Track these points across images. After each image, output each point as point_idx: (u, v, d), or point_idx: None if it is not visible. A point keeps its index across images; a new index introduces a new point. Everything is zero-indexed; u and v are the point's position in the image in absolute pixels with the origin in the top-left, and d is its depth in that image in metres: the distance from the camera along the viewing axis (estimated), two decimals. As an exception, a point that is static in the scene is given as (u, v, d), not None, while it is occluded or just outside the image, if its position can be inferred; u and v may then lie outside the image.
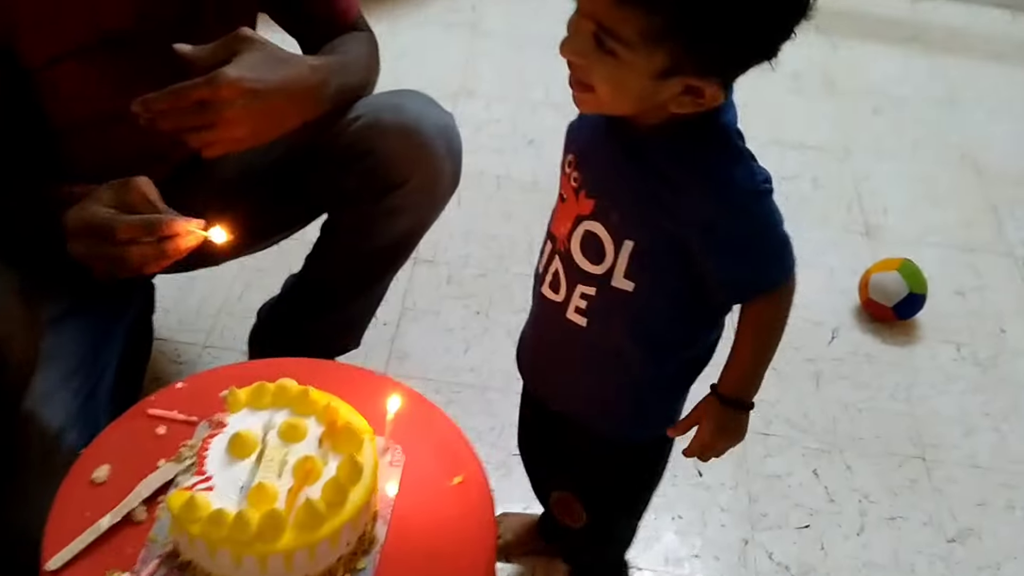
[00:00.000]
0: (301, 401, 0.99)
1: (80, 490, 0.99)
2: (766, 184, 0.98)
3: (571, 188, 1.04)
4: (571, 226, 1.04)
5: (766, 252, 1.01)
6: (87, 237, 1.05)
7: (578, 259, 1.04)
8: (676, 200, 0.96)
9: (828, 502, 1.69)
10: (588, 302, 1.05)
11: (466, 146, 2.35)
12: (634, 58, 0.88)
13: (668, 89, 0.91)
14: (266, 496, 0.90)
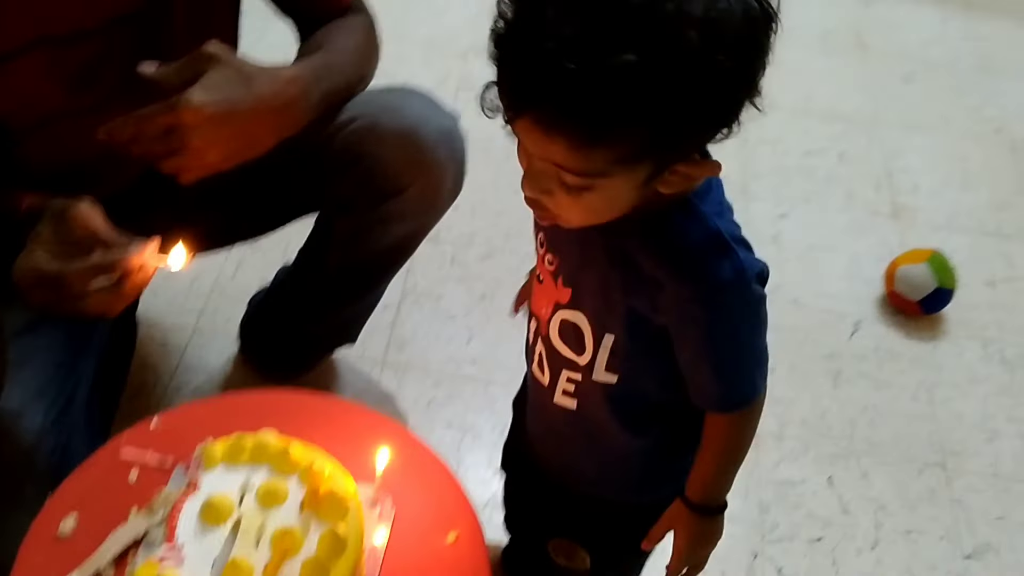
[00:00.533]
0: (282, 459, 0.92)
1: (45, 545, 0.92)
2: (747, 277, 0.85)
3: (547, 271, 0.95)
4: (550, 311, 0.96)
5: (735, 365, 0.91)
6: (40, 289, 0.97)
7: (559, 347, 0.97)
8: (651, 291, 0.86)
9: (842, 513, 1.62)
10: (575, 386, 0.98)
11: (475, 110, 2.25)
12: (613, 181, 0.77)
13: (657, 184, 0.80)
14: (240, 574, 0.83)
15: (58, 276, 0.96)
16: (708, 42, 0.70)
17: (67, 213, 0.99)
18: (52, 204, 1.02)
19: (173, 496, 0.92)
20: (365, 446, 0.98)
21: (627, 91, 0.70)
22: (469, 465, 1.59)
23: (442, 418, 1.65)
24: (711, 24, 0.70)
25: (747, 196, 2.14)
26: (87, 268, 0.95)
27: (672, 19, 0.69)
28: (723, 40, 0.71)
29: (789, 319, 1.90)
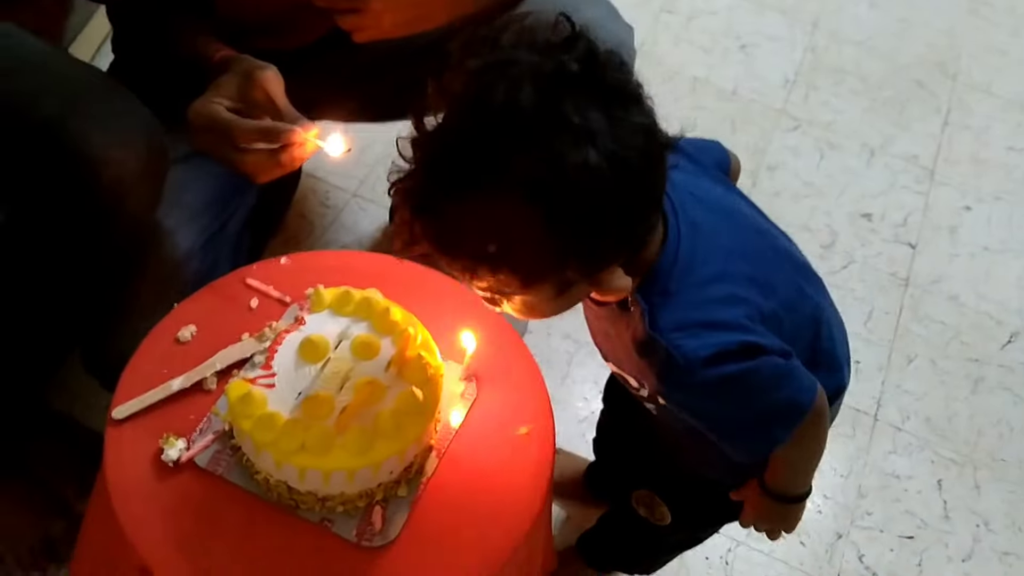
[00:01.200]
0: (382, 318, 0.97)
1: (163, 345, 1.02)
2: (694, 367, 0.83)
3: None
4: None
5: (735, 433, 0.91)
6: (208, 134, 1.04)
7: (621, 379, 1.00)
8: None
9: (943, 518, 1.56)
10: (655, 405, 0.98)
11: (671, 38, 2.22)
12: (520, 299, 0.81)
13: (579, 293, 0.82)
14: (320, 409, 0.89)
15: (228, 127, 1.03)
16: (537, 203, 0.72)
17: (254, 75, 1.06)
18: (241, 62, 1.09)
19: (281, 329, 0.99)
20: (463, 327, 1.02)
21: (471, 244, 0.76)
22: (576, 379, 1.62)
23: (561, 328, 1.68)
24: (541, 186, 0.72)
25: (933, 180, 2.03)
26: (255, 128, 1.02)
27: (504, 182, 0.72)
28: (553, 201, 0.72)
29: (942, 314, 1.81)
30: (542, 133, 0.72)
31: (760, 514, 1.03)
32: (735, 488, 1.04)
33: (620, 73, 0.76)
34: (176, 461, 0.93)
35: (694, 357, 0.83)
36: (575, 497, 1.47)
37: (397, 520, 0.92)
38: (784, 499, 1.00)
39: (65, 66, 1.07)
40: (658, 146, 0.77)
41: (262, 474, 0.91)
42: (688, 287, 0.85)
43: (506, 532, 0.94)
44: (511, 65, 0.74)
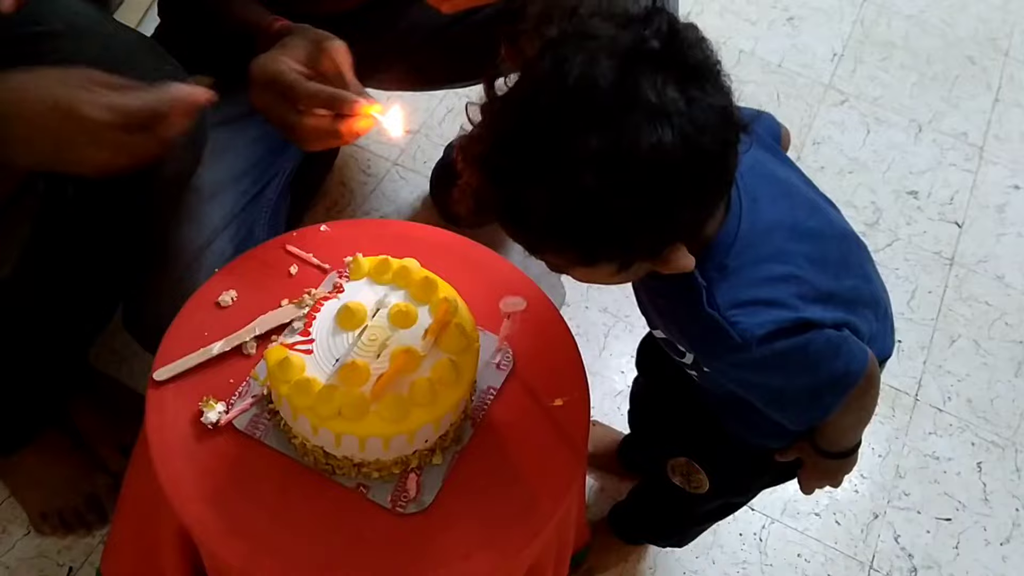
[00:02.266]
0: (420, 287, 0.97)
1: (204, 309, 1.03)
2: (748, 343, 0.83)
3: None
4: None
5: (785, 407, 0.91)
6: (269, 91, 1.03)
7: (663, 344, 0.99)
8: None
9: (982, 501, 1.55)
10: (696, 372, 0.99)
11: (717, 8, 2.18)
12: (580, 272, 0.82)
13: (641, 269, 0.82)
14: (356, 376, 0.90)
15: (292, 88, 1.01)
16: (605, 183, 0.71)
17: (324, 44, 1.05)
18: (307, 31, 1.08)
19: (320, 296, 1.00)
20: (500, 298, 1.02)
21: (537, 221, 0.75)
22: (613, 352, 1.62)
23: (599, 302, 1.67)
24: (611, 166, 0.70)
25: (982, 157, 1.99)
26: (321, 93, 1.01)
27: (573, 160, 0.71)
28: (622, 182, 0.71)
29: (988, 294, 1.78)
30: (616, 111, 0.71)
31: (817, 473, 1.03)
32: (780, 450, 1.04)
33: (699, 50, 0.74)
34: (215, 423, 0.94)
35: (750, 335, 0.83)
36: (609, 469, 1.48)
37: (431, 488, 0.93)
38: (834, 455, 1.00)
39: (110, 31, 1.07)
40: (733, 129, 0.75)
41: (299, 439, 0.92)
42: (746, 264, 0.84)
43: (540, 503, 0.95)
44: (589, 38, 0.73)
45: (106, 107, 0.83)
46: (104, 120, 0.83)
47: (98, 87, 0.85)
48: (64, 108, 0.82)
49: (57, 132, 0.83)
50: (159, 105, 0.87)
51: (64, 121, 0.82)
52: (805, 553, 1.47)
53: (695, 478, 1.16)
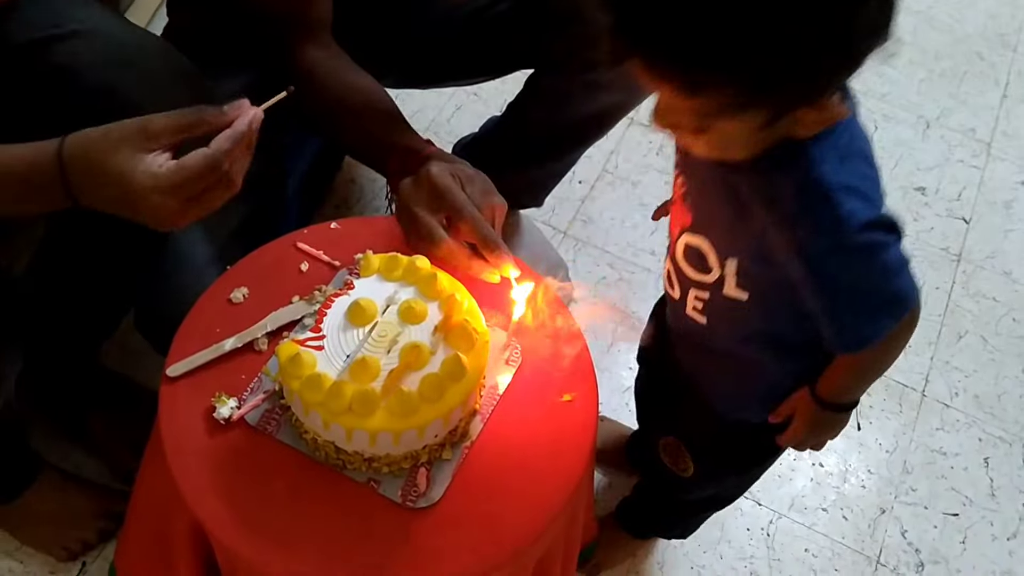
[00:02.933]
0: (429, 283, 0.98)
1: (216, 306, 1.04)
2: (847, 227, 0.82)
3: (679, 193, 0.97)
4: (677, 233, 0.97)
5: (845, 311, 0.88)
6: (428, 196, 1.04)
7: (684, 267, 0.98)
8: (760, 233, 0.86)
9: (988, 496, 1.55)
10: (704, 304, 0.98)
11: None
12: (727, 125, 0.78)
13: (783, 127, 0.80)
14: (367, 371, 0.91)
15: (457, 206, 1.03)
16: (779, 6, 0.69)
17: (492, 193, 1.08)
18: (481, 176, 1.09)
19: (330, 292, 1.01)
20: (508, 294, 1.03)
21: (715, 43, 0.71)
22: (621, 349, 1.63)
23: (607, 298, 1.68)
24: None
25: (990, 153, 1.99)
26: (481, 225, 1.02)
27: None
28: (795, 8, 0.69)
29: (995, 290, 1.79)
30: None
31: (810, 425, 1.02)
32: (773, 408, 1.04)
33: None
34: (228, 419, 0.95)
35: (855, 218, 0.83)
36: (617, 465, 1.49)
37: (441, 482, 0.94)
38: (836, 407, 1.00)
39: (125, 33, 1.08)
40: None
41: (310, 434, 0.93)
42: (854, 155, 0.85)
43: (547, 498, 0.96)
44: None
45: (159, 183, 0.84)
46: (161, 198, 0.85)
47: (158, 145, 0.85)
48: (129, 189, 0.84)
49: (131, 205, 0.85)
50: (214, 161, 0.86)
51: (131, 198, 0.85)
52: (812, 548, 1.47)
53: (682, 460, 1.17)
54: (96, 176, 0.84)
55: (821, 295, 0.87)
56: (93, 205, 0.87)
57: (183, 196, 0.85)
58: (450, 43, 1.36)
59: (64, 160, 0.84)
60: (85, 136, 0.85)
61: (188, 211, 0.87)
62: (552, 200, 1.69)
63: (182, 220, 0.87)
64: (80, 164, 0.84)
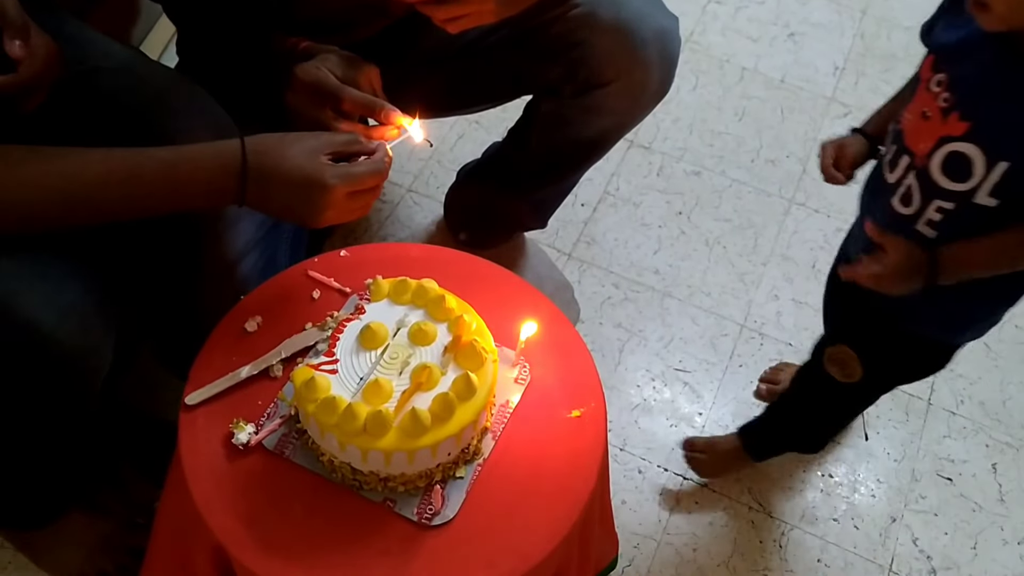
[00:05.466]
0: (437, 306, 1.01)
1: (231, 335, 1.07)
2: None
3: (938, 108, 1.02)
4: (933, 145, 1.02)
5: None
6: (310, 94, 1.11)
7: (937, 177, 1.03)
8: None
9: (998, 502, 1.57)
10: (943, 215, 1.04)
11: (719, 28, 2.23)
12: None
13: None
14: (380, 393, 0.93)
15: (334, 91, 1.11)
16: None
17: (361, 63, 1.14)
18: (343, 52, 1.16)
19: (342, 318, 1.04)
20: (516, 314, 1.05)
21: None
22: (628, 367, 1.65)
23: (612, 317, 1.70)
24: None
25: (986, 164, 2.02)
26: (360, 98, 1.10)
27: None
28: None
29: (996, 298, 1.81)
30: None
31: (901, 263, 1.06)
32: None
33: None
34: (246, 444, 0.98)
35: None
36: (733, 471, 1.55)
37: (456, 500, 0.96)
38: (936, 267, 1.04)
39: (146, 68, 1.13)
40: None
41: (327, 456, 0.96)
42: None
43: (561, 513, 0.98)
44: None
45: (344, 177, 0.97)
46: (344, 191, 0.97)
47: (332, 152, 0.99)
48: (315, 182, 0.96)
49: (307, 199, 0.97)
50: (381, 167, 1.00)
51: (313, 191, 0.96)
52: (825, 558, 1.49)
53: (850, 367, 1.23)
54: (281, 163, 0.96)
55: None
56: (261, 202, 0.98)
57: (352, 189, 0.97)
58: (449, 75, 1.39)
59: (248, 152, 0.94)
60: (266, 135, 0.98)
61: (348, 206, 0.99)
62: (556, 223, 1.72)
63: (340, 215, 0.99)
64: (265, 155, 0.95)
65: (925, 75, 1.04)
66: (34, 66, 0.97)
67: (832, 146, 1.23)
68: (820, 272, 1.81)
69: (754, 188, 1.92)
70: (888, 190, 1.10)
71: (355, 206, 1.00)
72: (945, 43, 1.03)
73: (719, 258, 1.81)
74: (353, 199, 0.99)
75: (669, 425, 1.59)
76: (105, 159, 0.94)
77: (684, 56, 1.39)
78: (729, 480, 1.54)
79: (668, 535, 1.48)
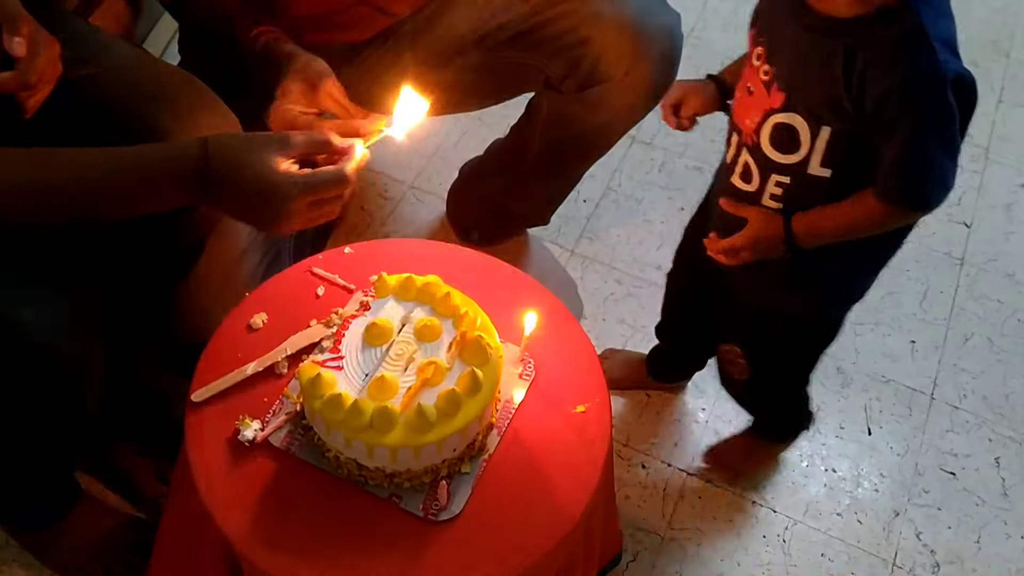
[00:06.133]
0: (443, 303, 1.01)
1: (236, 332, 1.07)
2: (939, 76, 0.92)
3: (760, 82, 1.03)
4: (760, 119, 1.04)
5: (911, 165, 0.97)
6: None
7: (768, 151, 1.04)
8: (861, 84, 0.95)
9: (1001, 496, 1.57)
10: (783, 189, 1.05)
11: (720, 24, 2.22)
12: None
13: None
14: (385, 389, 0.94)
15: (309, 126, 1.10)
16: None
17: (318, 85, 1.12)
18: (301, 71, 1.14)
19: (347, 314, 1.04)
20: (520, 311, 1.06)
21: None
22: (631, 362, 1.65)
23: (615, 313, 1.71)
24: None
25: (988, 158, 2.02)
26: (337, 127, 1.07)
27: None
28: None
29: (999, 292, 1.81)
30: None
31: (757, 235, 1.09)
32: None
33: None
34: (252, 441, 0.98)
35: (947, 69, 0.93)
36: (640, 385, 1.59)
37: (461, 495, 0.97)
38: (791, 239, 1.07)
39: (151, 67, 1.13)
40: None
41: (333, 452, 0.96)
42: (944, 14, 0.96)
43: (566, 507, 0.98)
44: None
45: (303, 187, 0.93)
46: (304, 200, 0.94)
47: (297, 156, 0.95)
48: (273, 191, 0.93)
49: (264, 206, 0.94)
50: (342, 176, 0.95)
51: (271, 200, 0.93)
52: (829, 553, 1.49)
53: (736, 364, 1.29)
54: (239, 170, 0.92)
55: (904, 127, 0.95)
56: (222, 203, 0.95)
57: (312, 199, 0.94)
58: (451, 72, 1.39)
59: (210, 154, 0.92)
60: (229, 136, 0.96)
61: (309, 215, 0.95)
62: (558, 220, 1.72)
63: (302, 222, 0.95)
64: (224, 159, 0.92)
65: (751, 49, 1.05)
66: (34, 64, 0.97)
67: (679, 88, 1.25)
68: (822, 267, 1.81)
69: (756, 183, 1.92)
70: (728, 169, 1.11)
71: (317, 214, 0.97)
72: (760, 12, 1.06)
73: (721, 254, 1.81)
74: (316, 207, 0.96)
75: (673, 420, 1.59)
76: (71, 160, 0.93)
77: (685, 52, 1.38)
78: (733, 475, 1.54)
79: (672, 530, 1.48)
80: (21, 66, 0.96)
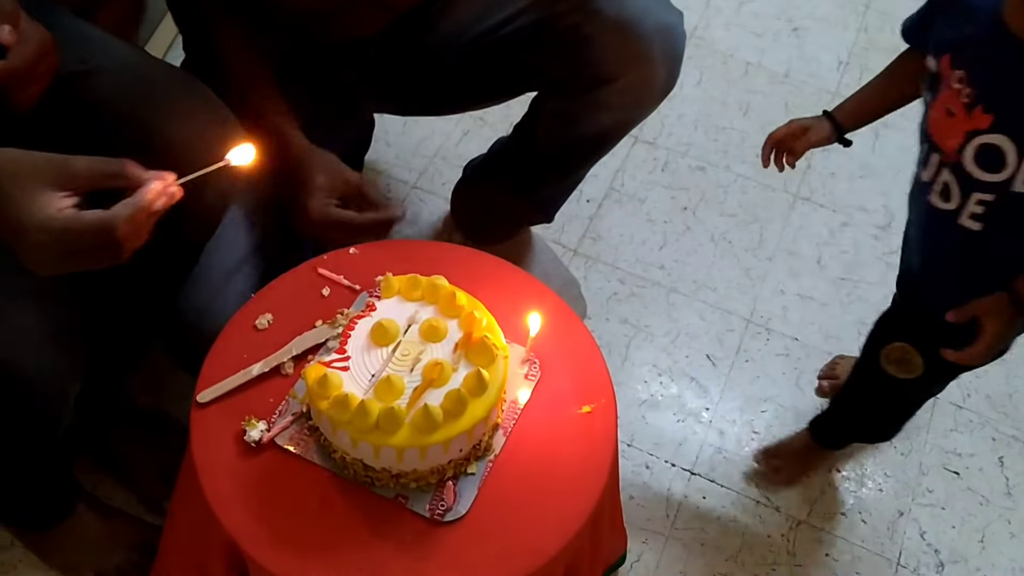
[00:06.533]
0: (448, 302, 1.01)
1: (242, 332, 1.07)
2: None
3: (961, 104, 1.04)
4: (962, 140, 1.04)
5: None
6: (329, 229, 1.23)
7: (971, 169, 1.05)
8: None
9: (1005, 495, 1.57)
10: (985, 208, 1.06)
11: (722, 23, 2.22)
12: None
13: None
14: (392, 390, 0.94)
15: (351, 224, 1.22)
16: None
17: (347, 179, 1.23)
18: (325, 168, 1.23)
19: (353, 315, 1.04)
20: (525, 311, 1.06)
21: None
22: (635, 362, 1.65)
23: (619, 313, 1.71)
24: None
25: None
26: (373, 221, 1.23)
27: None
28: None
29: (1002, 292, 1.81)
30: None
31: (1004, 324, 1.09)
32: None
33: None
34: (258, 441, 0.98)
35: None
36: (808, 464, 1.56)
37: (468, 496, 0.97)
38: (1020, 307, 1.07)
39: (149, 67, 1.13)
40: None
41: (339, 452, 0.96)
42: None
43: (573, 507, 0.98)
44: None
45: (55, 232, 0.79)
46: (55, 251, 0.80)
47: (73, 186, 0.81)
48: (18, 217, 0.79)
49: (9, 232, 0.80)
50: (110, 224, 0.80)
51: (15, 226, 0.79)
52: (833, 552, 1.49)
53: (910, 364, 1.26)
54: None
55: None
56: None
57: (65, 248, 0.80)
58: (455, 70, 1.39)
59: None
60: (4, 152, 0.81)
61: (63, 264, 0.81)
62: (561, 219, 1.72)
63: (54, 270, 0.82)
64: None
65: (945, 73, 1.06)
66: (24, 53, 0.92)
67: (797, 126, 1.29)
68: (825, 267, 1.81)
69: (759, 183, 1.92)
70: (924, 188, 1.12)
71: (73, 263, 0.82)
72: (955, 40, 1.06)
73: (724, 253, 1.81)
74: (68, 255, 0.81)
75: (676, 420, 1.59)
76: None
77: (688, 51, 1.38)
78: (737, 474, 1.54)
79: (676, 530, 1.48)
80: (10, 55, 0.93)
